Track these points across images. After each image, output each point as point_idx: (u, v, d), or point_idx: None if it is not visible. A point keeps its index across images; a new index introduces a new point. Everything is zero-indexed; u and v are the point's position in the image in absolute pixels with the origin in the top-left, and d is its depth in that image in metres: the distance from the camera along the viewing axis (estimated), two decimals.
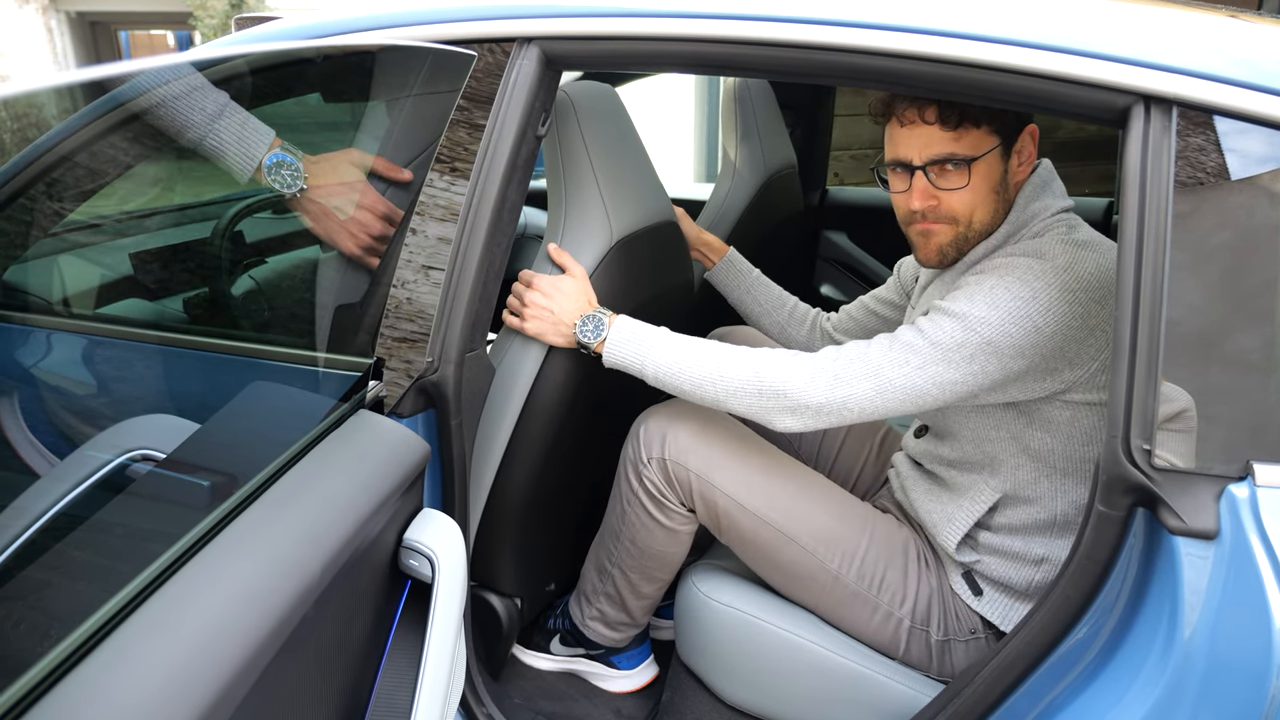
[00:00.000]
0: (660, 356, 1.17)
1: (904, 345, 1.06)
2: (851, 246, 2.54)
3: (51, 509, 0.80)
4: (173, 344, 1.11)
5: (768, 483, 1.22)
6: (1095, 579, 0.87)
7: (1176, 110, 0.83)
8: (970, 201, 1.11)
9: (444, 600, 0.87)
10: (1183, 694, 0.78)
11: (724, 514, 1.21)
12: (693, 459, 1.21)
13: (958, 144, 1.09)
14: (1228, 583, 0.75)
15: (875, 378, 1.06)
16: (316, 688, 0.78)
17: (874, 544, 1.21)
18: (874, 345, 1.08)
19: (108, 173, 1.19)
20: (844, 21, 0.93)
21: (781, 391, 1.08)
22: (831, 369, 1.08)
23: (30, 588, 0.69)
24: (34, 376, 1.14)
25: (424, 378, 1.04)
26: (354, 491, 0.82)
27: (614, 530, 1.32)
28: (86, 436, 1.03)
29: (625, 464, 1.27)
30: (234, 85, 1.09)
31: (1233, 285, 0.85)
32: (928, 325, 1.06)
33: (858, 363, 1.07)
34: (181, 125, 0.93)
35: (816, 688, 1.21)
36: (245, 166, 0.97)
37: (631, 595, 1.36)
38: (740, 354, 1.13)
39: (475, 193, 1.04)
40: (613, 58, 1.04)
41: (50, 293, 1.24)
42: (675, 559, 1.31)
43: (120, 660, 0.60)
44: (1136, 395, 0.81)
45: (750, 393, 1.10)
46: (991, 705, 0.97)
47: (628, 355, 1.19)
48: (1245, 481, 0.77)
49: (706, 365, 1.13)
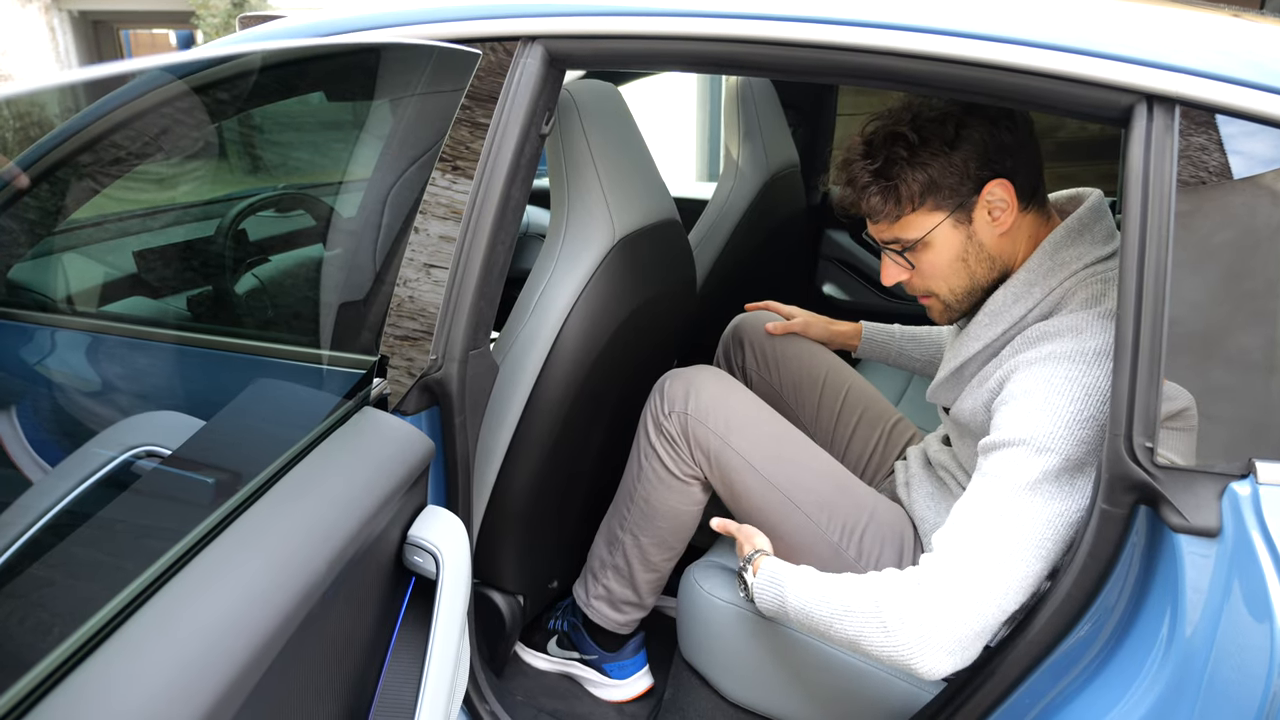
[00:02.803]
0: (795, 592, 1.07)
1: (993, 509, 0.94)
2: (854, 246, 2.54)
3: (56, 506, 0.80)
4: (177, 341, 1.12)
5: (779, 450, 1.26)
6: (1097, 577, 0.87)
7: (1179, 109, 0.83)
8: (938, 274, 1.09)
9: (448, 596, 0.88)
10: (1184, 692, 0.79)
11: (736, 475, 1.25)
12: (713, 418, 1.26)
13: (900, 228, 1.07)
14: (1230, 581, 0.75)
15: (989, 562, 0.93)
16: (322, 683, 0.78)
17: (874, 522, 1.23)
18: (963, 531, 0.96)
19: (110, 172, 1.19)
20: (847, 20, 0.93)
21: (900, 617, 0.95)
22: (936, 574, 0.95)
23: (35, 584, 0.70)
24: (38, 373, 1.14)
25: (428, 375, 1.04)
26: (358, 488, 0.82)
27: (629, 491, 1.36)
28: (90, 433, 1.03)
29: (646, 418, 1.32)
30: (238, 84, 1.10)
31: (1235, 284, 0.85)
32: (1000, 468, 0.95)
33: (959, 555, 0.95)
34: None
35: (819, 685, 1.21)
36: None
37: (641, 565, 1.37)
38: (859, 578, 1.03)
39: (479, 191, 1.04)
40: (617, 56, 1.04)
41: (54, 290, 1.24)
42: (686, 521, 1.34)
43: (125, 657, 0.60)
44: (1139, 393, 0.81)
45: (872, 622, 0.97)
46: (994, 702, 0.98)
47: (774, 594, 1.10)
48: (1247, 479, 0.77)
49: (832, 595, 1.03)
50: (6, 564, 0.72)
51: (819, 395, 1.51)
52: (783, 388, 1.53)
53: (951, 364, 1.14)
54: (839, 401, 1.50)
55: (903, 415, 1.52)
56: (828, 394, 1.51)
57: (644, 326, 1.43)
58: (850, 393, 1.51)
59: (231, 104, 1.14)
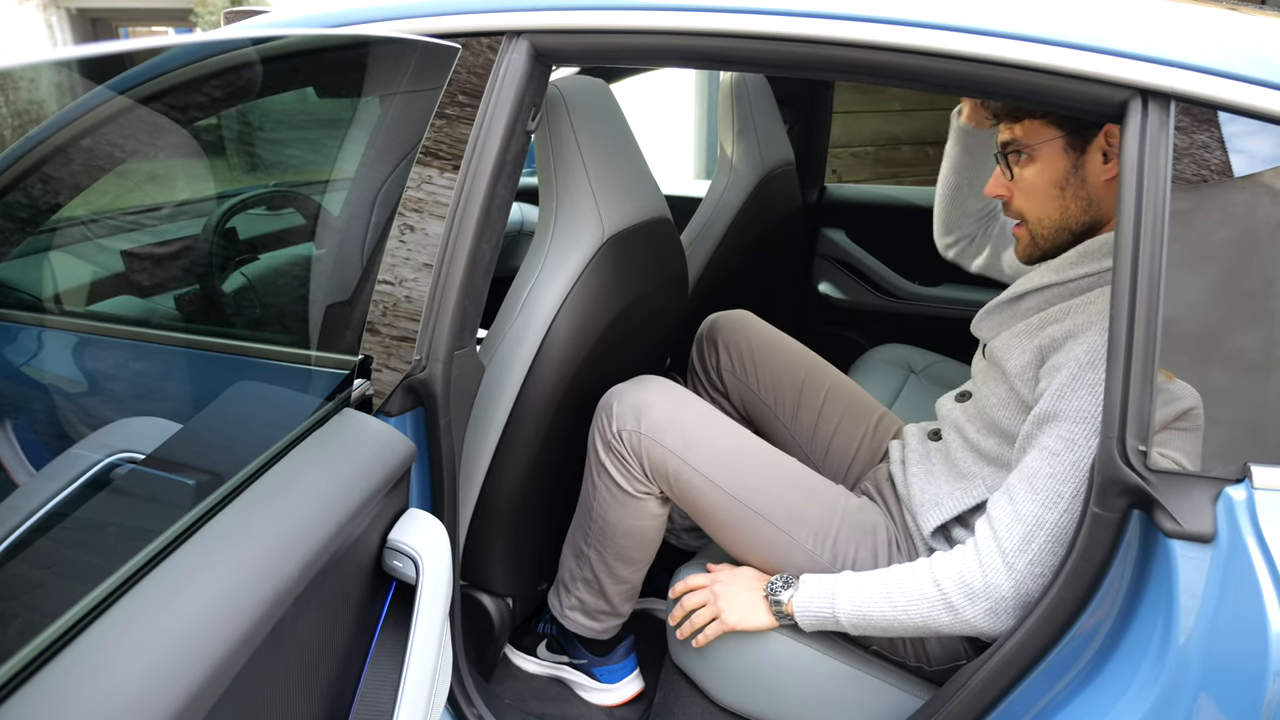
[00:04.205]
0: (845, 597, 1.10)
1: (1049, 479, 0.97)
2: (849, 244, 2.53)
3: (35, 511, 0.79)
4: (159, 341, 1.10)
5: (741, 463, 1.22)
6: (1090, 581, 0.85)
7: (1174, 105, 0.81)
8: (1034, 196, 1.09)
9: (428, 601, 0.86)
10: (1179, 698, 0.77)
11: (699, 494, 1.21)
12: (669, 437, 1.21)
13: (1019, 130, 1.08)
14: (1224, 586, 0.74)
15: (1041, 527, 0.97)
16: (298, 687, 0.76)
17: (845, 524, 1.21)
18: (1017, 498, 0.99)
19: (99, 168, 1.18)
20: (838, 15, 0.92)
21: (968, 593, 1.01)
22: (995, 547, 1.00)
23: (6, 586, 0.68)
24: (22, 374, 1.13)
25: (412, 376, 1.03)
26: (336, 490, 0.80)
27: (587, 509, 1.32)
28: (70, 437, 1.02)
29: (594, 438, 1.27)
30: (221, 80, 1.08)
31: (1231, 284, 0.83)
32: (1054, 443, 0.97)
33: (1016, 527, 0.98)
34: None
35: (809, 690, 1.20)
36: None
37: (609, 579, 1.35)
38: (911, 569, 1.07)
39: (463, 188, 1.03)
40: (604, 52, 1.02)
41: (39, 290, 1.23)
42: (647, 537, 1.31)
43: (91, 658, 0.58)
44: (1132, 395, 0.79)
45: (939, 605, 1.02)
46: (986, 708, 0.96)
47: (820, 606, 1.12)
48: (1243, 484, 0.76)
49: (893, 588, 1.07)
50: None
51: (799, 395, 1.49)
52: (760, 388, 1.51)
53: (1014, 290, 1.13)
54: (820, 400, 1.48)
55: (888, 411, 1.50)
56: (808, 393, 1.49)
57: (635, 326, 1.42)
58: (832, 391, 1.49)
59: (214, 100, 1.13)
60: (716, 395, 1.57)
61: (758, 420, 1.54)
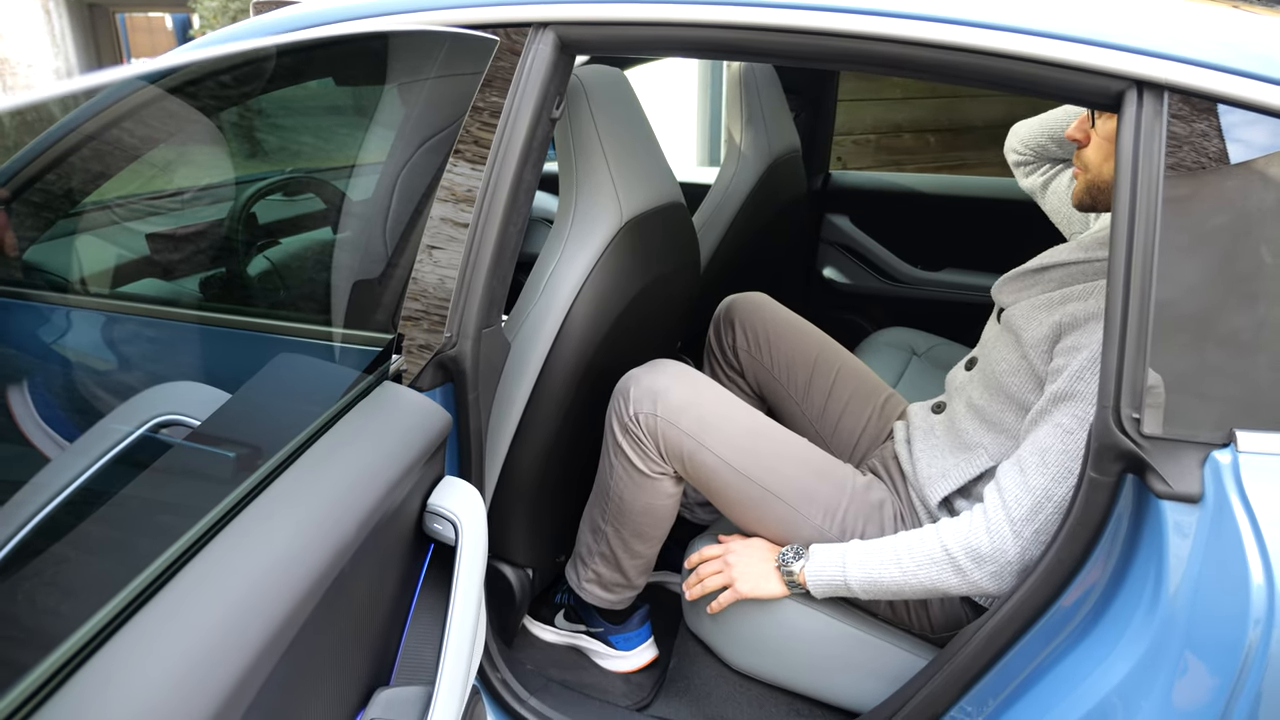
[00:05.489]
0: (856, 564, 1.16)
1: (1061, 455, 1.03)
2: (854, 230, 2.58)
3: (84, 475, 0.84)
4: (206, 322, 1.15)
5: (753, 444, 1.27)
6: (1086, 543, 0.91)
7: (1168, 95, 0.86)
8: (1105, 151, 1.10)
9: (468, 560, 0.92)
10: (1167, 647, 0.83)
11: (714, 475, 1.26)
12: (685, 420, 1.26)
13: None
14: (1210, 543, 0.80)
15: (1050, 499, 1.03)
16: (353, 638, 0.82)
17: (853, 501, 1.27)
18: (1028, 469, 1.05)
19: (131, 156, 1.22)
20: (848, 9, 0.96)
21: (975, 558, 1.07)
22: (1004, 516, 1.06)
23: (88, 544, 0.74)
24: (57, 353, 1.17)
25: (442, 353, 1.08)
26: (383, 457, 0.86)
27: (604, 487, 1.37)
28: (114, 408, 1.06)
29: (612, 420, 1.32)
30: (255, 70, 1.12)
31: (1220, 266, 0.88)
32: (1068, 421, 1.03)
33: (1026, 497, 1.04)
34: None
35: (820, 653, 1.26)
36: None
37: (625, 554, 1.40)
38: (919, 534, 1.14)
39: (492, 174, 1.08)
40: (628, 43, 1.07)
41: (88, 275, 1.27)
42: (662, 515, 1.36)
43: (175, 611, 0.64)
44: (1126, 368, 0.85)
45: (947, 568, 1.09)
46: (986, 665, 1.02)
47: (831, 575, 1.18)
48: (1228, 448, 0.81)
49: (902, 554, 1.13)
50: (58, 526, 0.76)
51: (811, 374, 1.55)
52: (774, 367, 1.57)
53: (1039, 261, 1.18)
54: (831, 380, 1.54)
55: (895, 392, 1.56)
56: (819, 373, 1.54)
57: (650, 307, 1.47)
58: (842, 371, 1.55)
59: (250, 91, 1.17)
60: (732, 373, 1.62)
61: (771, 398, 1.59)
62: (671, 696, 1.40)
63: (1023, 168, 1.56)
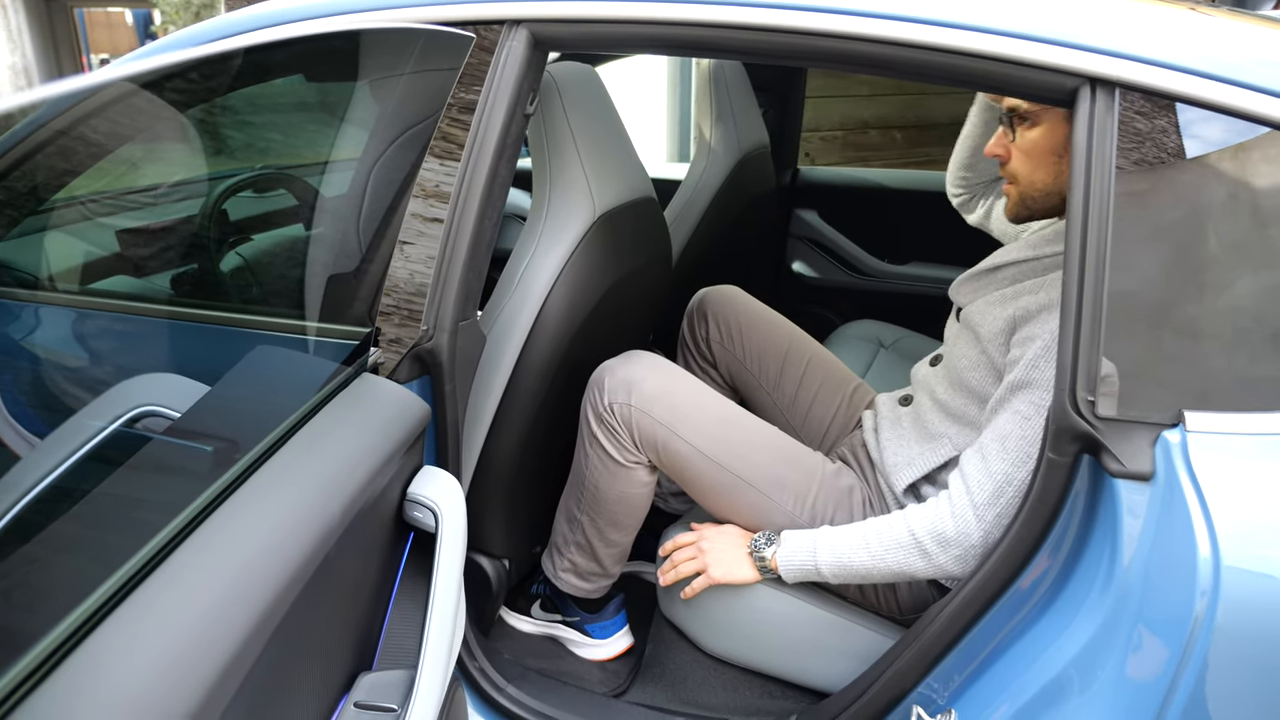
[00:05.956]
0: (826, 549, 1.20)
1: (1020, 440, 1.07)
2: (822, 224, 2.62)
3: (65, 465, 0.84)
4: (180, 318, 1.15)
5: (725, 433, 1.30)
6: (1045, 521, 0.95)
7: (1119, 92, 0.90)
8: (1031, 159, 1.14)
9: (448, 547, 0.93)
10: (1121, 619, 0.87)
11: (686, 463, 1.29)
12: (658, 409, 1.29)
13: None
14: (1161, 518, 0.84)
15: (1010, 483, 1.07)
16: (339, 623, 0.84)
17: (823, 487, 1.31)
18: (989, 455, 1.09)
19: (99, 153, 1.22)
20: (813, 8, 0.99)
21: (940, 541, 1.11)
22: (967, 501, 1.10)
23: (81, 524, 0.74)
24: (30, 351, 1.17)
25: (419, 345, 1.10)
26: (364, 446, 0.87)
27: (579, 477, 1.40)
28: None
29: (587, 411, 1.35)
30: (227, 68, 1.12)
31: (1171, 256, 0.92)
32: (1026, 408, 1.07)
33: (988, 482, 1.08)
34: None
35: (791, 636, 1.29)
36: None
37: (601, 543, 1.43)
38: (887, 520, 1.17)
39: (468, 169, 1.09)
40: (600, 40, 1.09)
41: (57, 272, 1.27)
42: (637, 503, 1.39)
43: (161, 599, 0.65)
44: (1081, 353, 0.89)
45: (914, 551, 1.13)
46: (950, 643, 1.06)
47: (803, 560, 1.22)
48: (1177, 428, 0.86)
49: (871, 539, 1.16)
50: (33, 520, 0.77)
51: (782, 365, 1.58)
52: (746, 358, 1.60)
53: (991, 261, 1.22)
54: (801, 370, 1.58)
55: (863, 382, 1.60)
56: (790, 364, 1.58)
57: (624, 300, 1.49)
58: (812, 362, 1.58)
59: (220, 89, 1.17)
60: (705, 365, 1.66)
61: (743, 388, 1.63)
62: (648, 682, 1.42)
63: (965, 207, 1.60)
